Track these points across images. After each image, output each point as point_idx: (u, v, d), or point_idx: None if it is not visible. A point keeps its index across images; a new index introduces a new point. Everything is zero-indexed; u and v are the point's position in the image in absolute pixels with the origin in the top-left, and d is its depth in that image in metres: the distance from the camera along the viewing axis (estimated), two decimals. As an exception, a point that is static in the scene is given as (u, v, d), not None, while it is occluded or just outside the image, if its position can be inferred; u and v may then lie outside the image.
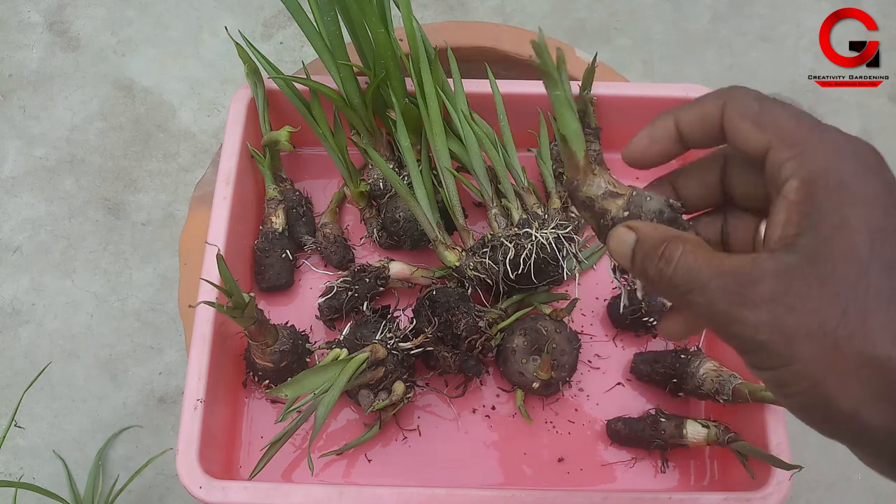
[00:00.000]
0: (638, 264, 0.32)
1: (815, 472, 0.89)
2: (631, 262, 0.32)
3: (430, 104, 0.62)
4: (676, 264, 0.30)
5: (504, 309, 0.63)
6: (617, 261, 0.33)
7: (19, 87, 1.09)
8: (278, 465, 0.61)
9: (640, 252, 0.32)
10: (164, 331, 0.96)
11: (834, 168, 0.28)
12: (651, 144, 0.34)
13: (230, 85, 1.09)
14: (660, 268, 0.30)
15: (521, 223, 0.60)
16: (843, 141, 0.29)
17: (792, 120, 0.30)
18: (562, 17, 1.15)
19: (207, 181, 0.69)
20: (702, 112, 0.33)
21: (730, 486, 0.59)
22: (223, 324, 0.60)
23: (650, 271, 0.31)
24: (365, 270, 0.64)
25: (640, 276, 0.32)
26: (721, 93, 0.32)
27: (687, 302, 0.30)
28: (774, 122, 0.30)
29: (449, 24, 0.95)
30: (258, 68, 0.66)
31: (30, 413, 0.91)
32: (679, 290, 0.30)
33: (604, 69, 0.73)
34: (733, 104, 0.31)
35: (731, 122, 0.31)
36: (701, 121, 0.33)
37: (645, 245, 0.31)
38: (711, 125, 0.32)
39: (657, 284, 0.31)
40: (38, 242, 1.00)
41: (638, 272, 0.32)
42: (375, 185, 0.68)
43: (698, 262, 0.29)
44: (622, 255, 0.33)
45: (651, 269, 0.31)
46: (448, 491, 0.54)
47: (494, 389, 0.65)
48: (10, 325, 0.96)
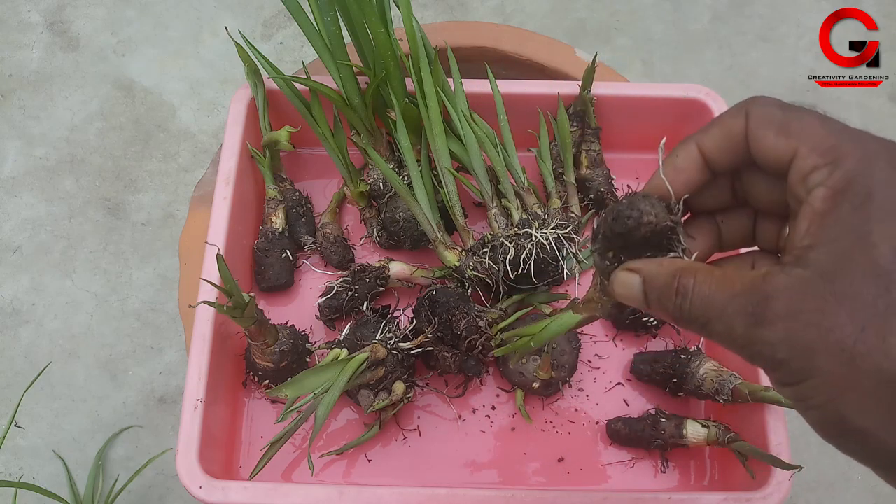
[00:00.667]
0: (654, 303, 0.31)
1: (815, 472, 0.89)
2: (645, 303, 0.32)
3: (430, 104, 0.62)
4: (692, 297, 0.30)
5: (504, 309, 0.63)
6: (628, 303, 0.33)
7: (19, 87, 1.09)
8: (278, 465, 0.61)
9: (653, 292, 0.31)
10: (164, 331, 0.96)
11: (863, 177, 0.27)
12: (676, 175, 0.33)
13: (230, 85, 1.09)
14: (678, 304, 0.30)
15: (521, 223, 0.60)
16: (876, 146, 0.28)
17: (820, 126, 0.29)
18: (562, 17, 1.15)
19: (207, 181, 0.69)
20: (723, 129, 0.31)
21: (730, 486, 0.59)
22: (223, 324, 0.60)
23: (669, 308, 0.31)
24: (365, 270, 0.64)
25: (657, 313, 0.32)
26: (740, 105, 0.31)
27: (708, 333, 0.30)
28: (801, 129, 0.29)
29: (449, 24, 0.95)
30: (258, 68, 0.66)
31: (30, 413, 0.91)
32: (699, 322, 0.30)
33: (604, 69, 0.73)
34: (756, 113, 0.30)
35: (755, 130, 0.30)
36: (725, 138, 0.31)
37: (655, 284, 0.31)
38: (736, 141, 0.31)
39: (677, 320, 0.31)
40: (38, 242, 1.00)
41: (655, 310, 0.32)
42: (375, 185, 0.68)
43: (712, 289, 0.29)
44: (633, 299, 0.32)
45: (670, 306, 0.31)
46: (448, 491, 0.54)
47: (494, 389, 0.65)
48: (10, 325, 0.96)
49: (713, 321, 0.29)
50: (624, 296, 0.33)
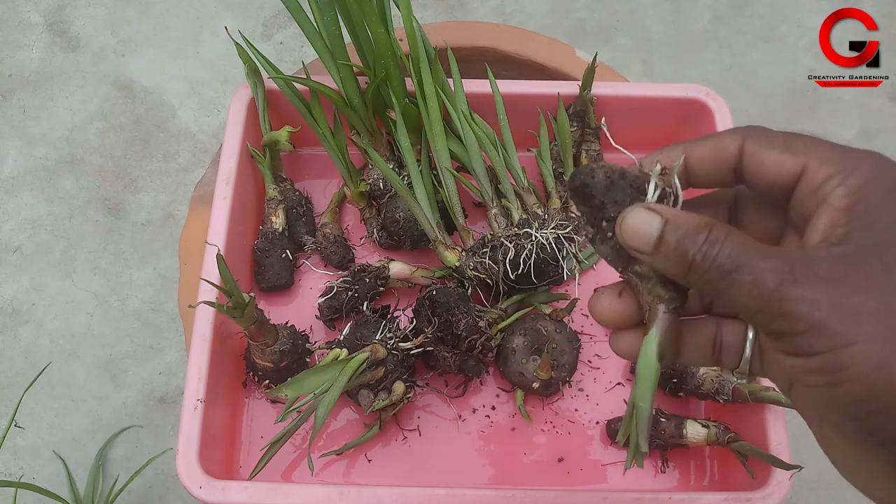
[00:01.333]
0: (670, 247, 0.29)
1: (815, 472, 0.89)
2: (657, 246, 0.30)
3: (430, 104, 0.62)
4: (723, 244, 0.28)
5: (504, 309, 0.63)
6: (632, 244, 0.31)
7: (19, 87, 1.09)
8: (278, 465, 0.61)
9: (675, 233, 0.29)
10: (164, 331, 0.96)
11: (882, 178, 0.27)
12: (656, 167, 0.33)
13: (230, 85, 1.09)
14: (704, 249, 0.28)
15: (521, 223, 0.60)
16: (882, 159, 0.28)
17: (824, 144, 0.29)
18: (562, 17, 1.15)
19: (207, 181, 0.69)
20: (716, 143, 0.31)
21: (730, 486, 0.59)
22: (223, 324, 0.60)
23: (690, 252, 0.29)
24: (365, 270, 0.64)
25: (664, 259, 0.30)
26: (738, 129, 0.31)
27: (728, 284, 0.28)
28: (807, 147, 0.29)
29: (449, 24, 0.95)
30: (258, 68, 0.66)
31: (30, 413, 0.91)
32: (724, 268, 0.28)
33: (604, 69, 0.73)
34: (755, 136, 0.30)
35: (755, 152, 0.30)
36: (716, 152, 0.31)
37: (681, 226, 0.29)
38: (726, 159, 0.31)
39: (694, 268, 0.29)
40: (38, 242, 1.00)
41: (665, 256, 0.30)
42: (375, 185, 0.68)
43: (746, 244, 0.28)
44: (643, 239, 0.30)
45: (692, 249, 0.29)
46: (448, 491, 0.54)
47: (494, 389, 0.65)
48: (10, 325, 0.96)
49: (741, 270, 0.27)
50: (633, 234, 0.30)
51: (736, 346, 0.34)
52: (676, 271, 0.30)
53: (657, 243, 0.30)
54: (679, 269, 0.29)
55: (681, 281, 0.30)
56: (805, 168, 0.29)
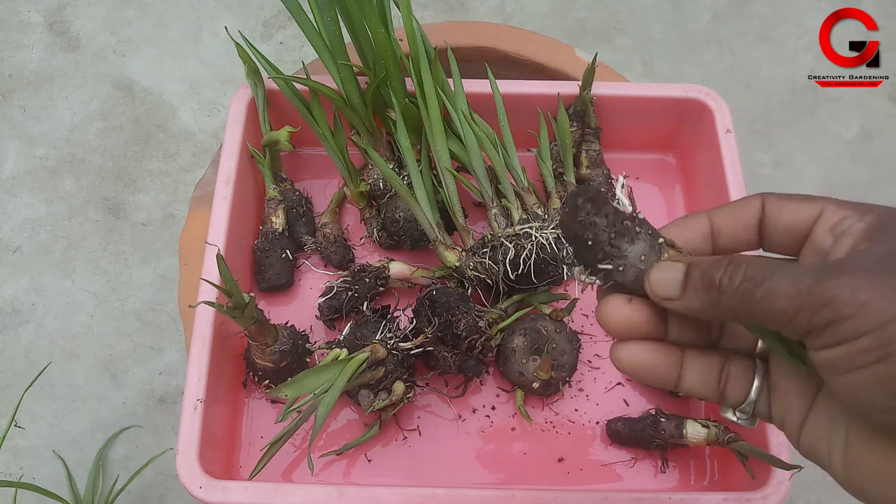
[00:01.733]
0: (698, 280, 0.31)
1: (815, 472, 0.89)
2: (683, 285, 0.31)
3: (430, 104, 0.62)
4: (748, 265, 0.29)
5: (504, 309, 0.63)
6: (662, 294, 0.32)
7: (19, 87, 1.09)
8: (278, 465, 0.61)
9: (699, 269, 0.31)
10: (164, 331, 0.96)
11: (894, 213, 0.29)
12: (680, 232, 0.34)
13: (230, 85, 1.09)
14: (730, 270, 0.30)
15: (521, 223, 0.60)
16: (893, 209, 0.30)
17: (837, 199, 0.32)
18: (562, 17, 1.15)
19: (207, 181, 0.69)
20: (738, 207, 0.34)
21: (730, 486, 0.59)
22: (223, 324, 0.60)
23: (717, 276, 0.30)
24: (365, 270, 0.64)
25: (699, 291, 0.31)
26: (754, 195, 0.34)
27: (764, 291, 0.28)
28: (822, 198, 0.32)
29: (449, 24, 0.95)
30: (258, 68, 0.66)
31: (30, 413, 0.91)
32: (755, 280, 0.29)
33: (604, 69, 0.73)
34: (773, 194, 0.33)
35: (775, 206, 0.33)
36: (738, 213, 0.34)
37: (703, 264, 0.31)
38: (749, 216, 0.33)
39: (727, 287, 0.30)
40: (38, 242, 1.00)
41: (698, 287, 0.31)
42: (375, 185, 0.68)
43: (770, 262, 0.29)
44: (670, 285, 0.32)
45: (718, 273, 0.30)
46: (448, 491, 0.54)
47: (494, 389, 0.65)
48: (10, 325, 0.96)
49: (775, 276, 0.28)
50: (661, 285, 0.32)
51: (742, 382, 0.35)
52: (706, 300, 0.30)
53: (684, 282, 0.31)
54: (709, 296, 0.30)
55: (710, 313, 0.31)
56: (822, 211, 0.31)
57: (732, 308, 0.29)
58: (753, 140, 1.05)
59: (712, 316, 0.31)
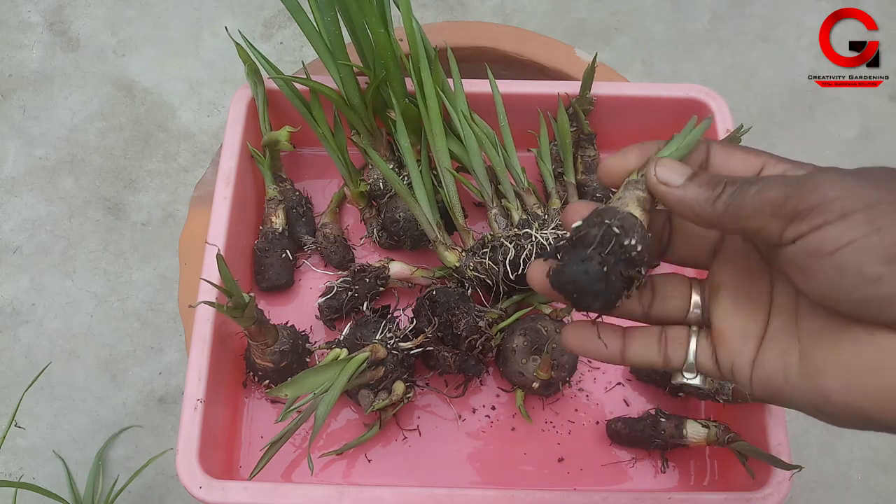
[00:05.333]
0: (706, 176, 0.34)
1: (815, 472, 0.89)
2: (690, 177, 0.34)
3: (430, 104, 0.62)
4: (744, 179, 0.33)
5: (504, 309, 0.63)
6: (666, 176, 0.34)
7: (19, 87, 1.09)
8: (278, 465, 0.61)
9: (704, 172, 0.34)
10: (164, 331, 0.96)
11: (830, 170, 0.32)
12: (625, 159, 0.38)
13: (230, 85, 1.09)
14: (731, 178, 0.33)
15: (521, 223, 0.60)
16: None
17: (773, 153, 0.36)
18: (562, 17, 1.15)
19: (207, 181, 0.69)
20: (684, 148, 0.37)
21: (730, 486, 0.59)
22: (223, 324, 0.60)
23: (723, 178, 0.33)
24: (365, 270, 0.64)
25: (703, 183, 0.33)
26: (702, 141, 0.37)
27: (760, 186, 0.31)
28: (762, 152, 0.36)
29: (449, 24, 0.95)
30: (258, 68, 0.66)
31: (30, 413, 0.91)
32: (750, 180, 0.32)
33: (604, 69, 0.73)
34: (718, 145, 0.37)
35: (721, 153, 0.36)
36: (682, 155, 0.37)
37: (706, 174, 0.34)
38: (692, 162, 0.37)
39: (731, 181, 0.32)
40: (38, 242, 1.00)
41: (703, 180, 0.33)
42: (375, 185, 0.68)
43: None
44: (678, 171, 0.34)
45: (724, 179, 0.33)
46: (448, 491, 0.54)
47: (494, 389, 0.65)
48: (10, 325, 0.96)
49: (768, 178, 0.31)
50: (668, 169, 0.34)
51: (681, 343, 0.37)
52: (708, 194, 0.33)
53: (690, 175, 0.34)
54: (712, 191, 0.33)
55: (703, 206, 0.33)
56: (765, 164, 0.34)
57: (727, 203, 0.32)
58: (753, 140, 1.04)
59: (702, 208, 0.33)
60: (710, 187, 0.33)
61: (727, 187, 0.32)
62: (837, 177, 0.30)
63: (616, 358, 0.38)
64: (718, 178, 0.33)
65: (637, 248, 0.33)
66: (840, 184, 0.29)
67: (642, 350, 0.38)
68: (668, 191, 0.34)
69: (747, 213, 0.31)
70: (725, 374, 0.36)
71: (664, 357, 0.37)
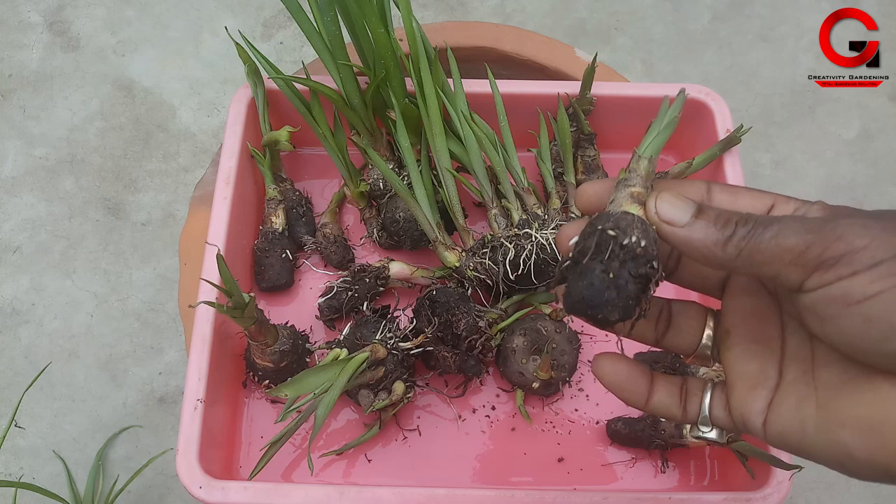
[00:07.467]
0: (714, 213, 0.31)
1: (815, 472, 0.89)
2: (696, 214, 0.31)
3: (430, 104, 0.62)
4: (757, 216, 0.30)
5: (504, 309, 0.63)
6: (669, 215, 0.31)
7: (19, 87, 1.09)
8: (278, 465, 0.61)
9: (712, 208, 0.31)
10: (164, 331, 0.95)
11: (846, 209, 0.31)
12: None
13: (230, 85, 1.09)
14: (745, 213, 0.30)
15: (521, 223, 0.60)
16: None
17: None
18: (562, 17, 1.15)
19: (207, 181, 0.69)
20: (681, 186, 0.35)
21: (730, 486, 0.59)
22: (223, 324, 0.60)
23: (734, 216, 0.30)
24: (365, 270, 0.64)
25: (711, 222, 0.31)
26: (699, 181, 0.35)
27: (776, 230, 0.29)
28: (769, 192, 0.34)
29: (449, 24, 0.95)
30: (258, 68, 0.66)
31: (30, 413, 0.91)
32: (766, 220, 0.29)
33: (604, 69, 0.73)
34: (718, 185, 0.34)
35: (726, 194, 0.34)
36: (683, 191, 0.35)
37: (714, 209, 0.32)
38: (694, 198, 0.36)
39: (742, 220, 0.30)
40: (38, 242, 1.00)
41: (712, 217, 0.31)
42: (375, 185, 0.68)
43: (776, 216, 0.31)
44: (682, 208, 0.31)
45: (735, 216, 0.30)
46: (448, 491, 0.54)
47: (494, 389, 0.65)
48: (10, 325, 0.95)
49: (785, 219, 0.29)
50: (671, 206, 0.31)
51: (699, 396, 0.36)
52: (717, 235, 0.30)
53: (695, 213, 0.31)
54: (722, 232, 0.30)
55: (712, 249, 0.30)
56: (775, 203, 0.33)
57: (740, 247, 0.30)
58: (753, 140, 1.05)
59: (711, 252, 0.30)
60: (720, 227, 0.30)
61: (738, 228, 0.30)
62: (861, 222, 0.28)
63: (640, 404, 0.37)
64: (728, 216, 0.30)
65: (641, 243, 0.30)
66: (867, 231, 0.27)
67: (665, 399, 0.36)
68: (672, 231, 0.31)
69: (763, 259, 0.29)
70: (738, 424, 0.34)
71: (684, 410, 0.36)
